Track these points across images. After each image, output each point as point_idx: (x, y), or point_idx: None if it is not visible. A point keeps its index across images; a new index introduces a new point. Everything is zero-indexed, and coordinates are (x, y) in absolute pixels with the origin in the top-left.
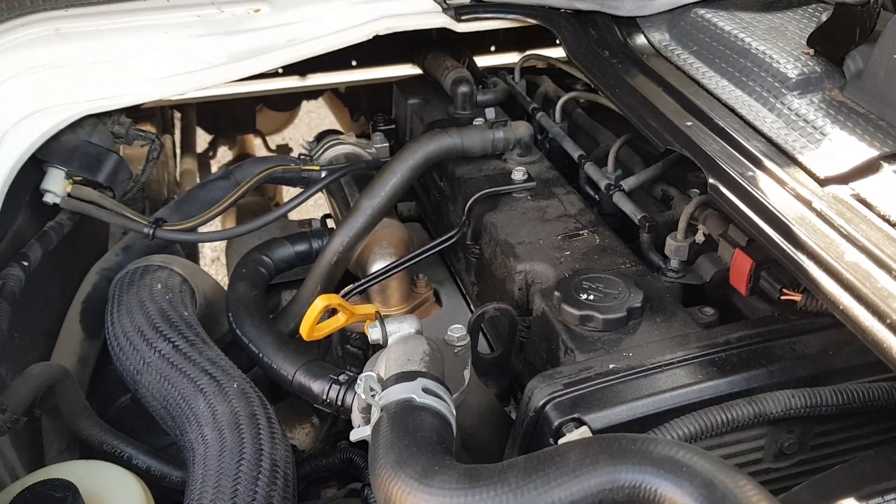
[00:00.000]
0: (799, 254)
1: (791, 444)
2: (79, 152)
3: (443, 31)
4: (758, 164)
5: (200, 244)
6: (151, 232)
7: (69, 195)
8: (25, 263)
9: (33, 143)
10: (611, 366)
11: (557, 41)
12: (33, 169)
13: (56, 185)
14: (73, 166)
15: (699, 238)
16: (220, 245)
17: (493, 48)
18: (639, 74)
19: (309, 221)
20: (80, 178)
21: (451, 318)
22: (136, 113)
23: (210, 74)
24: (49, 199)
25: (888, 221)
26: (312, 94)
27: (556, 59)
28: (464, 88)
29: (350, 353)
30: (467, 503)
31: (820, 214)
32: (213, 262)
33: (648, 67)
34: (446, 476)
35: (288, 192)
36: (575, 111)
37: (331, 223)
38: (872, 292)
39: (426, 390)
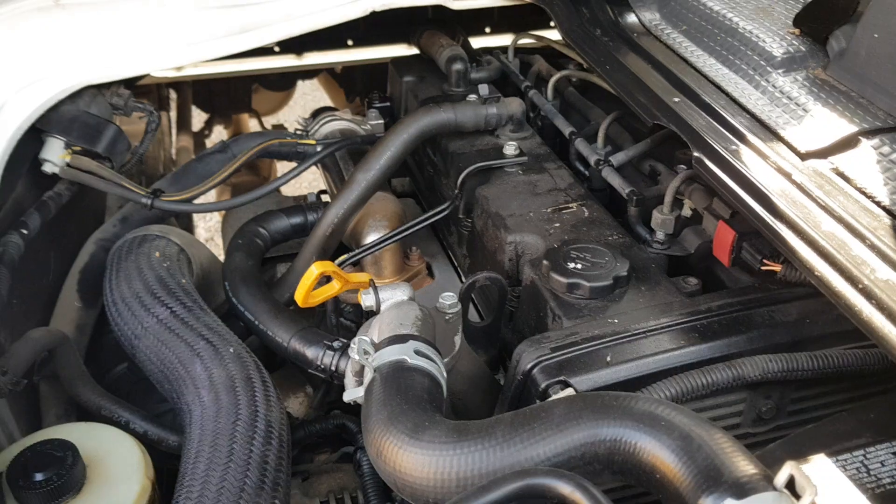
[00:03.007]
0: (778, 224)
1: (769, 409)
2: (78, 122)
3: (438, 11)
4: (742, 138)
5: (195, 224)
6: (150, 202)
7: (68, 165)
8: (25, 231)
9: (33, 113)
10: (596, 331)
11: (552, 23)
12: (32, 139)
13: (55, 154)
14: (72, 136)
15: (686, 212)
16: (215, 226)
17: (488, 30)
18: (629, 52)
19: (305, 197)
20: (78, 149)
21: (443, 290)
22: (132, 90)
23: (208, 48)
24: (48, 168)
25: (864, 193)
26: (308, 73)
27: (550, 39)
28: (458, 66)
29: (343, 325)
30: (456, 456)
31: (800, 187)
32: (208, 243)
33: (639, 46)
34: (436, 431)
35: (283, 170)
36: (567, 90)
37: (326, 199)
38: (846, 259)
39: (418, 352)
